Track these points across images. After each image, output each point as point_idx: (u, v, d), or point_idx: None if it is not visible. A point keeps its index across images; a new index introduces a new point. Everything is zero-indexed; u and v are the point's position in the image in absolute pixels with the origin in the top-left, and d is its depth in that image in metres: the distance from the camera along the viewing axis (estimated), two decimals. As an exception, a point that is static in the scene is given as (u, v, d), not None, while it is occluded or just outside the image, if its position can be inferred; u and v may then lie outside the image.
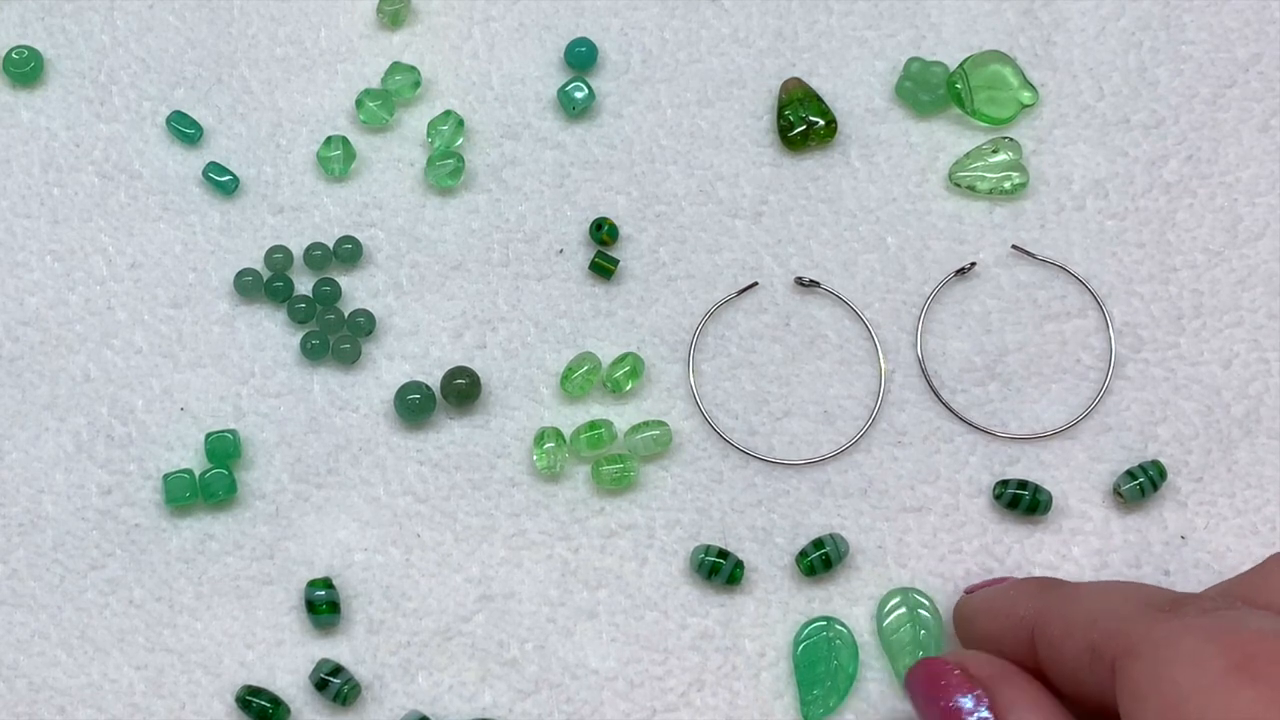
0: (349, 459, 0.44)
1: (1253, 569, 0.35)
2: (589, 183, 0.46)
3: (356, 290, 0.45)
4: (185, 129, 0.46)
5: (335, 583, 0.42)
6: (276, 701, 0.41)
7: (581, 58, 0.47)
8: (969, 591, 0.41)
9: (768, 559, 0.43)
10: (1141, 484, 0.43)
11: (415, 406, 0.43)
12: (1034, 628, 0.36)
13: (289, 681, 0.42)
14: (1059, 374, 0.44)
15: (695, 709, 0.42)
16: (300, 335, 0.45)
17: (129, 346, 0.45)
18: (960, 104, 0.46)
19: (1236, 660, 0.29)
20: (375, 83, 0.47)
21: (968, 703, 0.34)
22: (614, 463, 0.43)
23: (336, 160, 0.46)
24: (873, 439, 0.44)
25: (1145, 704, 0.30)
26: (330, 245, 0.45)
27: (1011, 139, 0.46)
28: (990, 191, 0.46)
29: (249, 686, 0.42)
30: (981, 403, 0.44)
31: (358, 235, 0.45)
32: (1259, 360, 0.44)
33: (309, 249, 0.45)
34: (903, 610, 0.42)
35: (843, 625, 0.42)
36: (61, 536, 0.43)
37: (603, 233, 0.45)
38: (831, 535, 0.42)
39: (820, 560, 0.42)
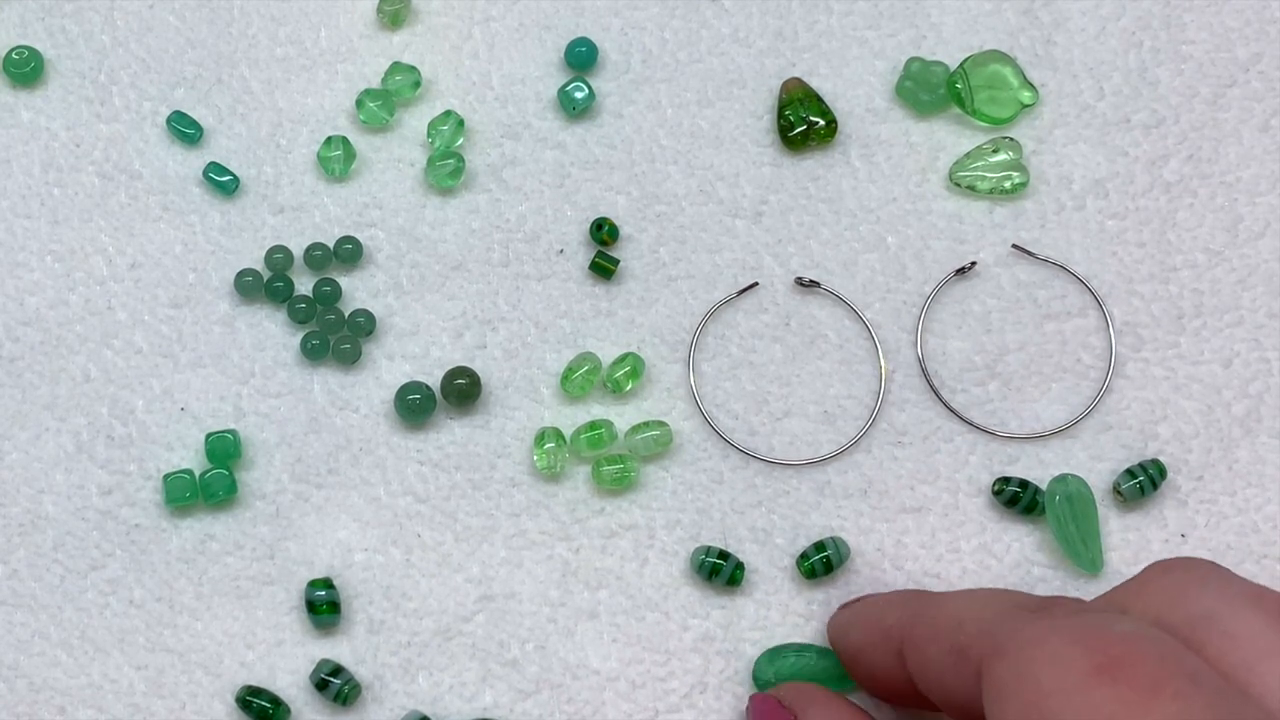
0: (349, 459, 0.44)
1: (1132, 578, 0.34)
2: (589, 183, 0.46)
3: (356, 290, 0.45)
4: (185, 129, 0.46)
5: (335, 583, 0.42)
6: (277, 702, 0.41)
7: (581, 58, 0.47)
8: (843, 607, 0.41)
9: (768, 560, 0.43)
10: (1141, 483, 0.43)
11: (415, 406, 0.43)
12: (902, 636, 0.36)
13: (289, 681, 0.42)
14: (1059, 373, 0.44)
15: (698, 710, 0.42)
16: (300, 335, 0.45)
17: (129, 346, 0.45)
18: (960, 104, 0.46)
19: (1099, 662, 0.29)
20: (375, 83, 0.47)
21: None
22: (614, 463, 0.43)
23: (337, 160, 0.46)
24: (873, 439, 0.44)
25: (1008, 704, 0.30)
26: (330, 245, 0.45)
27: (1012, 139, 0.46)
28: (990, 191, 0.46)
29: (249, 687, 0.42)
30: (981, 402, 0.44)
31: (358, 235, 0.45)
32: (1259, 359, 0.44)
33: (309, 249, 0.45)
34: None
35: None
36: (61, 536, 0.43)
37: (603, 233, 0.45)
38: (833, 538, 0.42)
39: (821, 563, 0.42)
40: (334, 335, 0.45)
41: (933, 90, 0.46)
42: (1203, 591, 0.32)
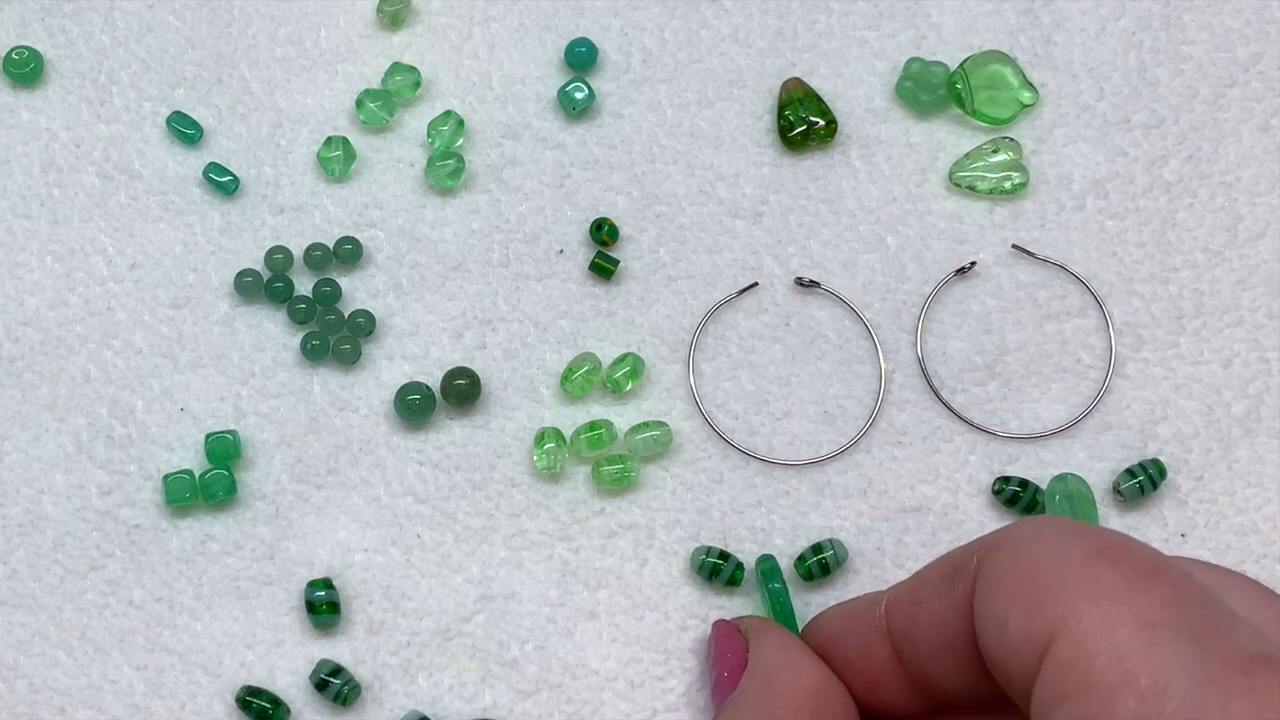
0: (349, 459, 0.44)
1: None
2: (589, 183, 0.46)
3: (356, 290, 0.45)
4: (185, 129, 0.46)
5: (335, 583, 0.42)
6: (276, 702, 0.41)
7: (581, 58, 0.47)
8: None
9: (768, 559, 0.43)
10: (1141, 482, 0.43)
11: (415, 407, 0.43)
12: (888, 604, 0.36)
13: (289, 682, 0.42)
14: (1059, 373, 0.44)
15: (696, 709, 0.42)
16: (300, 335, 0.45)
17: (129, 347, 0.45)
18: (960, 104, 0.46)
19: (1099, 546, 0.29)
20: (375, 83, 0.47)
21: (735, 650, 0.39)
22: (614, 463, 0.43)
23: (336, 160, 0.46)
24: (873, 439, 0.44)
25: (1002, 586, 0.30)
26: (330, 245, 0.45)
27: (1011, 139, 0.46)
28: (990, 191, 0.46)
29: (249, 687, 0.42)
30: (981, 402, 0.44)
31: (358, 235, 0.45)
32: (1259, 360, 0.44)
33: (309, 249, 0.45)
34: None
35: None
36: (61, 537, 0.43)
37: (603, 233, 0.45)
38: (831, 540, 0.42)
39: (819, 565, 0.42)
40: (334, 335, 0.45)
41: (933, 90, 0.46)
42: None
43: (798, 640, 0.38)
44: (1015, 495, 0.43)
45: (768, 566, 0.41)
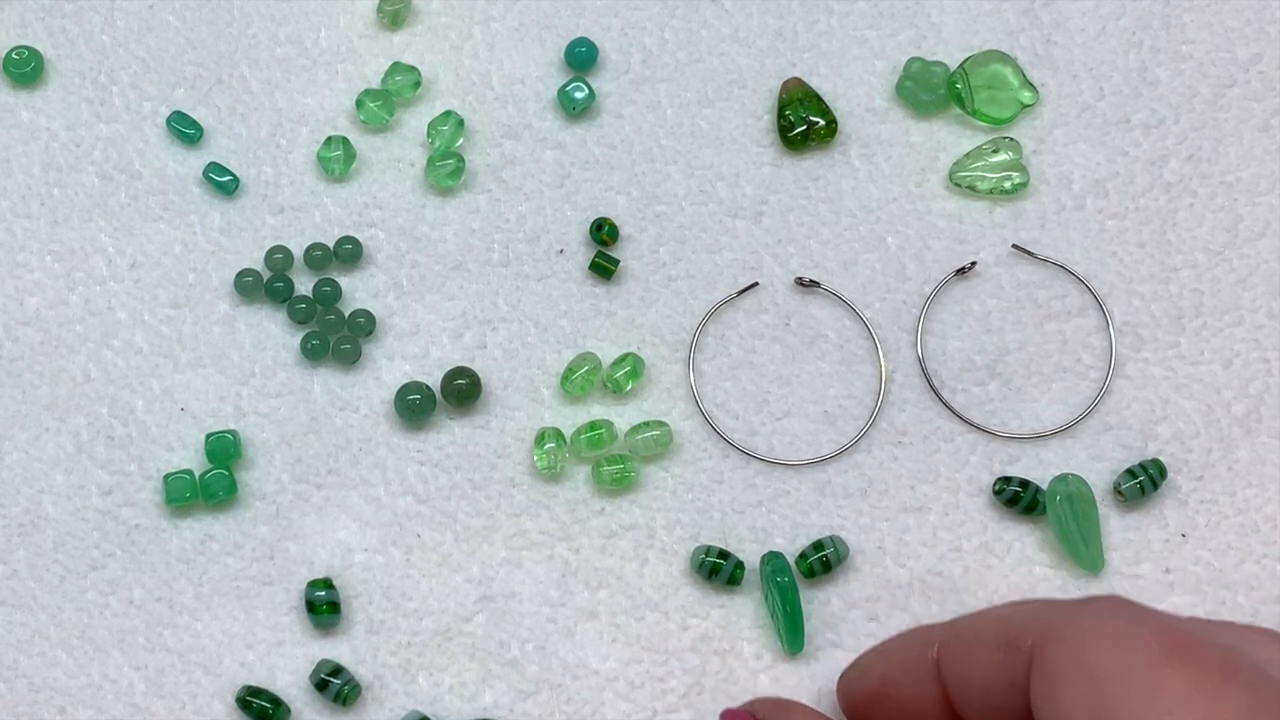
0: (349, 459, 0.44)
1: None
2: (589, 183, 0.46)
3: (356, 290, 0.45)
4: (185, 129, 0.46)
5: (335, 583, 0.42)
6: (276, 702, 0.41)
7: (581, 58, 0.47)
8: (849, 667, 0.39)
9: (768, 559, 0.43)
10: (1142, 483, 0.43)
11: (415, 406, 0.43)
12: (940, 648, 0.35)
13: (289, 682, 0.42)
14: (1059, 373, 0.44)
15: (696, 710, 0.42)
16: (300, 335, 0.45)
17: (129, 346, 0.45)
18: (960, 104, 0.46)
19: (1168, 645, 0.29)
20: (375, 83, 0.47)
21: None
22: (614, 463, 0.43)
23: (337, 160, 0.46)
24: (873, 439, 0.44)
25: (1065, 684, 0.29)
26: (330, 245, 0.45)
27: (1012, 139, 0.46)
28: (990, 191, 0.46)
29: (249, 687, 0.42)
30: (981, 402, 0.44)
31: (358, 235, 0.45)
32: (1259, 360, 0.44)
33: (309, 249, 0.45)
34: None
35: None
36: (61, 537, 0.43)
37: (603, 233, 0.45)
38: (832, 537, 0.42)
39: (820, 562, 0.42)
40: (334, 335, 0.45)
41: (933, 90, 0.46)
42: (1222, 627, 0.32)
43: (818, 714, 0.37)
44: (1016, 495, 0.43)
45: (777, 563, 0.41)
